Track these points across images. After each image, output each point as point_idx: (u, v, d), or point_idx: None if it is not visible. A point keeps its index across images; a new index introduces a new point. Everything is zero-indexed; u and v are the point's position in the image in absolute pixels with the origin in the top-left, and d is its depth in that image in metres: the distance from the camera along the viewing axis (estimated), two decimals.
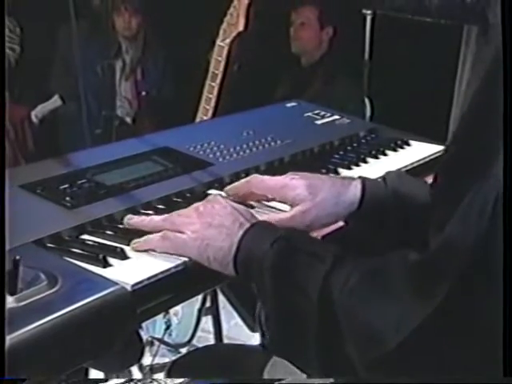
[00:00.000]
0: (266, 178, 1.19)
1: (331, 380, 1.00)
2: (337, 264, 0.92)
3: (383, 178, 1.20)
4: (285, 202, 1.15)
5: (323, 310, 0.90)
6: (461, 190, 0.82)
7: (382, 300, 0.86)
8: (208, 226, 1.02)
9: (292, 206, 1.13)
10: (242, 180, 1.20)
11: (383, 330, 0.84)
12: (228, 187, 1.22)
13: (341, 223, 1.19)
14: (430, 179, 1.39)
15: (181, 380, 1.17)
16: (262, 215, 1.12)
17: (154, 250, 1.04)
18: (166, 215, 1.08)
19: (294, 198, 1.13)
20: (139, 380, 1.86)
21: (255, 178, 1.19)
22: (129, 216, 1.12)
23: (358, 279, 0.89)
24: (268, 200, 1.19)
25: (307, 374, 1.14)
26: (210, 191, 1.25)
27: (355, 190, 1.14)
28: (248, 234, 1.00)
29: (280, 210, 1.17)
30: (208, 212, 1.04)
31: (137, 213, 1.15)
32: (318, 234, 1.23)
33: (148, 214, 1.15)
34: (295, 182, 1.14)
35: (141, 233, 1.06)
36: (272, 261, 0.96)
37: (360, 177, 1.19)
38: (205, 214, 1.04)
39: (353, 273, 0.90)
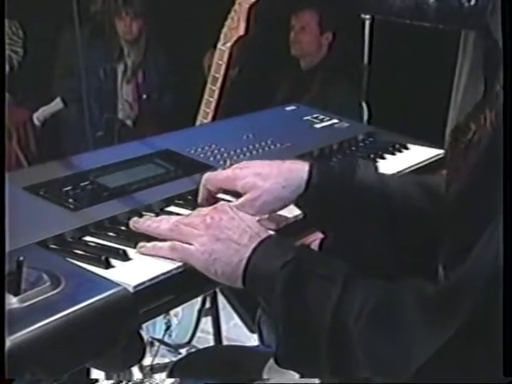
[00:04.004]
0: (217, 172, 1.20)
1: (317, 380, 1.02)
2: (348, 286, 0.92)
3: (335, 162, 1.21)
4: (236, 193, 1.16)
5: (335, 332, 0.91)
6: (479, 222, 0.83)
7: (394, 332, 0.86)
8: (216, 239, 1.02)
9: (243, 194, 1.15)
10: (200, 184, 1.20)
11: (395, 362, 0.85)
12: (198, 199, 1.20)
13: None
14: None
15: (171, 380, 1.19)
16: None
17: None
18: (173, 224, 1.07)
19: (243, 186, 1.14)
20: (129, 381, 1.87)
21: (207, 175, 1.19)
22: (135, 219, 1.11)
23: (372, 310, 0.89)
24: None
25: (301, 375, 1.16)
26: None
27: (302, 173, 1.14)
28: (258, 251, 1.00)
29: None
30: (216, 224, 1.04)
31: (139, 215, 1.16)
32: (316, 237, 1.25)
33: (151, 216, 1.16)
34: (244, 172, 1.16)
35: (143, 235, 1.08)
36: (283, 284, 0.96)
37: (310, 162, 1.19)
38: (212, 226, 1.04)
39: (366, 301, 0.90)
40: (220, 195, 1.20)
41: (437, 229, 0.97)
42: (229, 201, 1.17)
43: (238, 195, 1.17)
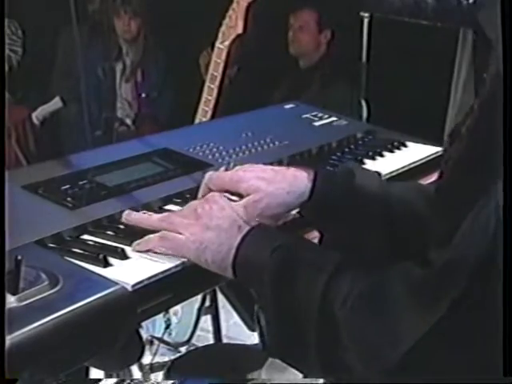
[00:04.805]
0: (221, 173, 1.19)
1: (321, 380, 1.02)
2: (336, 274, 0.93)
3: (338, 170, 1.22)
4: (238, 195, 1.15)
5: (323, 320, 0.91)
6: (464, 205, 0.83)
7: (381, 316, 0.87)
8: (206, 228, 1.02)
9: (245, 196, 1.14)
10: (202, 183, 1.19)
11: (382, 347, 0.85)
12: (198, 197, 1.19)
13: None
14: (425, 181, 1.42)
15: (172, 381, 1.18)
16: None
17: (153, 251, 1.05)
18: (164, 214, 1.08)
19: (247, 189, 1.13)
20: (132, 380, 1.87)
21: (210, 175, 1.19)
22: (127, 212, 1.12)
23: (358, 295, 0.89)
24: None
25: (304, 374, 1.16)
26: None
27: (306, 180, 1.14)
28: (247, 239, 1.00)
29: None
30: (206, 214, 1.04)
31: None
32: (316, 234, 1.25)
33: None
34: (248, 175, 1.15)
35: (141, 233, 1.07)
36: (272, 272, 0.96)
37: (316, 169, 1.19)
38: (203, 215, 1.04)
39: (353, 287, 0.90)
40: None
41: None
42: (233, 200, 1.16)
43: (239, 197, 1.16)
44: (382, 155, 1.52)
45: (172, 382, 1.57)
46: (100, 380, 1.39)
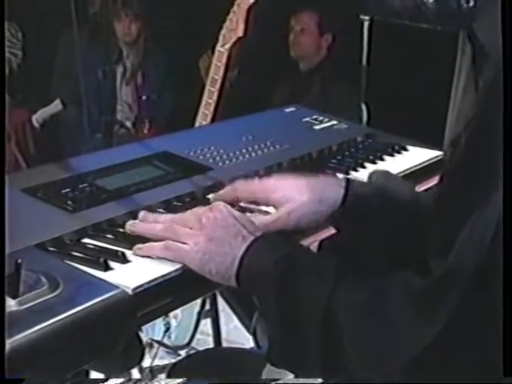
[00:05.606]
0: (250, 182, 1.18)
1: (320, 380, 1.02)
2: (340, 283, 0.93)
3: (369, 176, 1.21)
4: (270, 205, 1.15)
5: (327, 329, 0.91)
6: (463, 214, 0.84)
7: (383, 325, 0.87)
8: (209, 239, 1.02)
9: (277, 207, 1.13)
10: (228, 187, 1.19)
11: (385, 355, 0.86)
12: (214, 195, 1.20)
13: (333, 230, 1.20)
14: (425, 185, 1.42)
15: (179, 380, 1.18)
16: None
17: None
18: (168, 224, 1.07)
19: (279, 199, 1.12)
20: (138, 380, 1.87)
21: (239, 183, 1.18)
22: (131, 222, 1.12)
23: (361, 303, 0.90)
24: (252, 204, 1.18)
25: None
26: (209, 196, 1.26)
27: (339, 187, 1.13)
28: (250, 250, 1.00)
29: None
30: (210, 224, 1.04)
31: (137, 217, 1.16)
32: (315, 239, 1.24)
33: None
34: (279, 184, 1.14)
35: (141, 237, 1.07)
36: (275, 282, 0.97)
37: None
38: (207, 225, 1.04)
39: (356, 295, 0.91)
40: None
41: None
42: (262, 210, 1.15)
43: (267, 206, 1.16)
44: (382, 159, 1.52)
45: (179, 381, 1.57)
46: (106, 380, 1.39)
